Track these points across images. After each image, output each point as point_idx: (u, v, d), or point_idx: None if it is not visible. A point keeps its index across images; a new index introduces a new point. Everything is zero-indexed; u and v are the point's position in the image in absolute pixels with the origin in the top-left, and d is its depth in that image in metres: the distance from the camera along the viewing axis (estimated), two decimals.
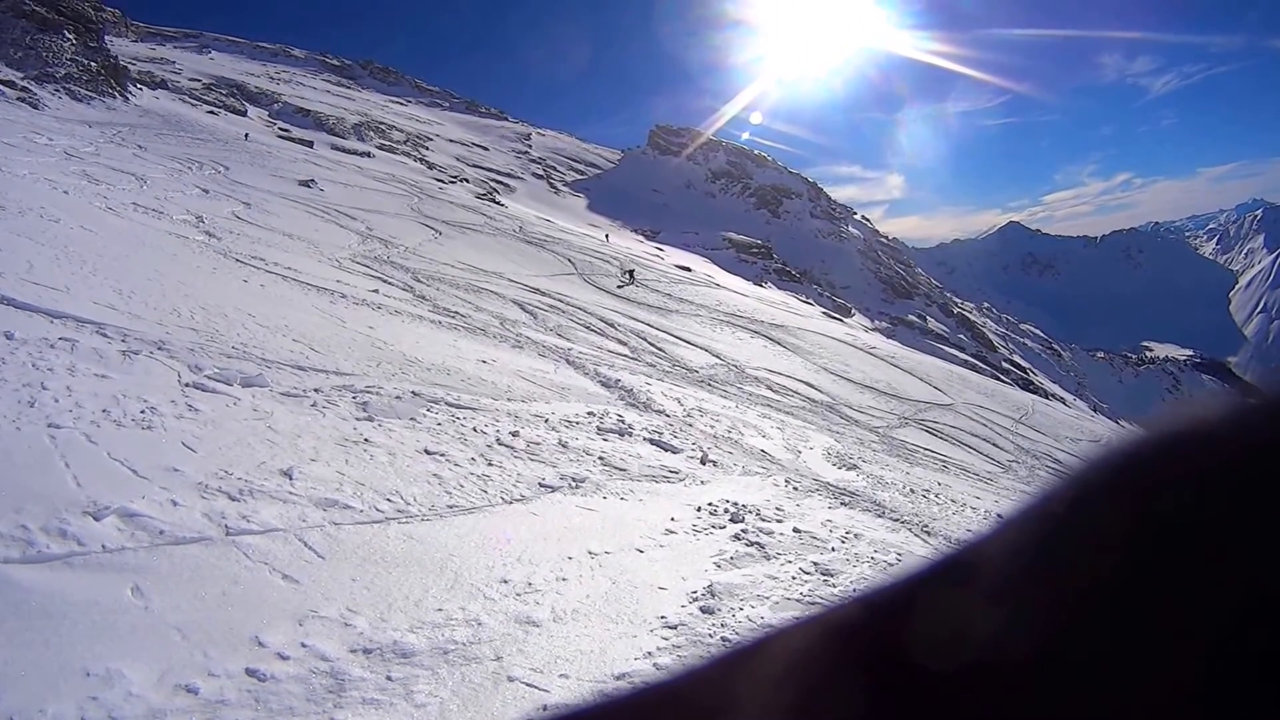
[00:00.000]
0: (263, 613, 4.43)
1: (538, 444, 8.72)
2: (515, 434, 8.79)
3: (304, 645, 4.24)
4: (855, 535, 8.52)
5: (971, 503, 13.21)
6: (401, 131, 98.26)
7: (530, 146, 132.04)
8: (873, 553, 8.03)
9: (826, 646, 0.50)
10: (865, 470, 13.06)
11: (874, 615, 0.49)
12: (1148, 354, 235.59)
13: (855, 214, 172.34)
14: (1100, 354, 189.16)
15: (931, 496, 12.58)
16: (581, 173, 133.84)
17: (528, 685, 4.43)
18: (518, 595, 5.30)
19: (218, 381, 7.84)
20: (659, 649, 5.12)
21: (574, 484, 7.84)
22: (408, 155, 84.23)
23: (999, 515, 0.46)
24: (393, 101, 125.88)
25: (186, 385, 7.56)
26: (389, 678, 4.19)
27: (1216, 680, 0.34)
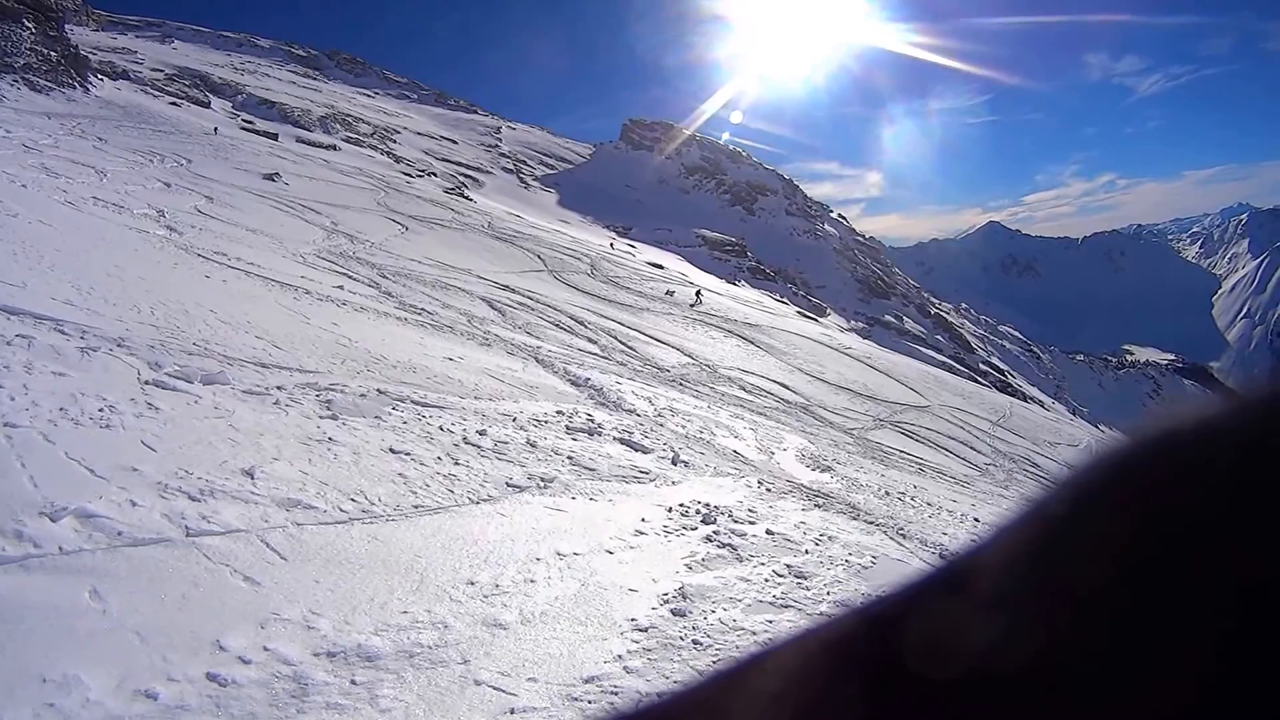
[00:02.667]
0: (224, 616, 4.42)
1: (505, 443, 8.72)
2: (482, 433, 8.78)
3: (266, 649, 4.23)
4: (829, 538, 8.58)
5: (948, 506, 13.31)
6: (369, 124, 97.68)
7: (500, 140, 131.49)
8: (847, 555, 8.09)
9: (823, 660, 0.50)
10: (839, 472, 13.16)
11: (871, 627, 0.49)
12: (1128, 357, 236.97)
13: (832, 212, 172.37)
14: (1080, 357, 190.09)
15: (907, 499, 12.68)
16: (552, 167, 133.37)
17: (495, 689, 4.44)
18: (485, 597, 5.32)
19: (178, 379, 7.80)
20: (629, 652, 5.15)
21: (542, 484, 7.85)
22: (375, 148, 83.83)
23: (996, 520, 0.46)
24: (360, 93, 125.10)
25: (146, 383, 7.52)
26: (353, 682, 4.19)
27: (1222, 686, 0.34)
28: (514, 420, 9.84)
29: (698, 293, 36.70)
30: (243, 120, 69.84)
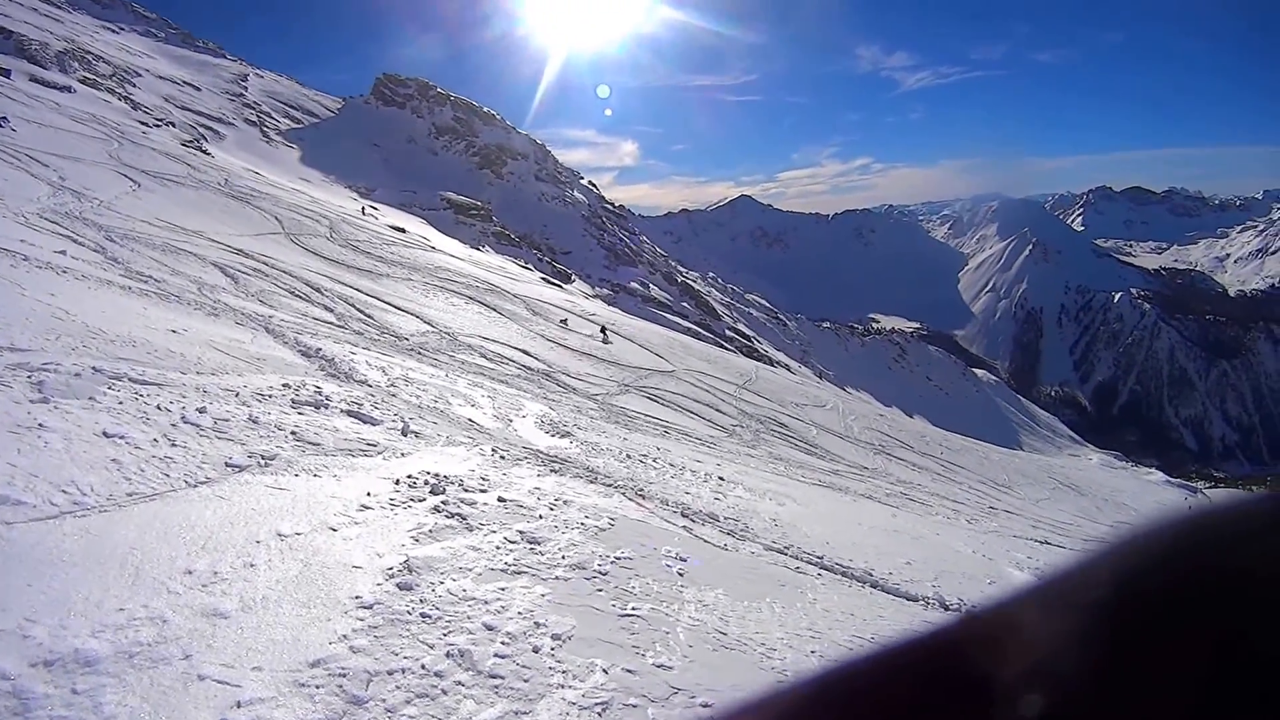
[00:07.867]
0: None
1: (226, 421, 8.69)
2: (202, 411, 8.72)
3: None
4: (565, 502, 9.14)
5: (692, 466, 14.12)
6: (108, 64, 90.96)
7: (246, 89, 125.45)
8: (583, 518, 8.64)
9: None
10: (579, 437, 13.74)
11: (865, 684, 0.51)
12: (874, 325, 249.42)
13: (582, 179, 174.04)
14: (827, 324, 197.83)
15: (649, 461, 13.40)
16: (299, 121, 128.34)
17: (219, 683, 4.49)
18: (203, 586, 5.35)
19: None
20: (355, 630, 5.33)
21: (263, 462, 7.92)
22: (112, 92, 78.72)
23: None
24: (105, 26, 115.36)
25: None
26: (74, 690, 4.14)
27: None
28: (237, 395, 9.80)
29: (603, 329, 34.08)
30: None
